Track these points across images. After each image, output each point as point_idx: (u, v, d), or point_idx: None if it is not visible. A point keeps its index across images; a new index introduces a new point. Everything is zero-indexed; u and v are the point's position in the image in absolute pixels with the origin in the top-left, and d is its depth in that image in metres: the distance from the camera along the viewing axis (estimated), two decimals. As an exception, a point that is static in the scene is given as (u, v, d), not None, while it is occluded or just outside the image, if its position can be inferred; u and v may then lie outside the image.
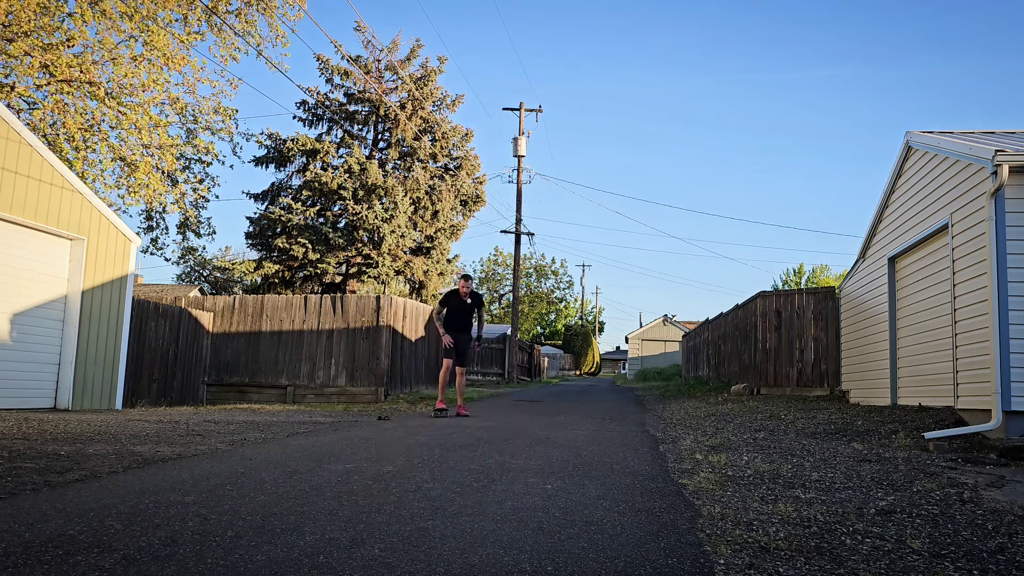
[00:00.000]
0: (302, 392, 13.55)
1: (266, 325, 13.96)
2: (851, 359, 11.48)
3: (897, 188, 9.60)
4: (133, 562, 2.19)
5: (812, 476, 4.23)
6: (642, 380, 31.07)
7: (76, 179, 9.63)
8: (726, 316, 17.40)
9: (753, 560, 2.38)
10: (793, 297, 13.60)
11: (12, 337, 8.81)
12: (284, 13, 15.61)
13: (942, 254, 8.07)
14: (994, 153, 6.42)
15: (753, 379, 13.84)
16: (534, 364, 35.26)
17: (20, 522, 2.67)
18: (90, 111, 13.76)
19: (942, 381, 7.89)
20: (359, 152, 25.49)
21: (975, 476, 4.44)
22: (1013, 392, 6.22)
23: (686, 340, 25.93)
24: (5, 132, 8.50)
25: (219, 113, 16.01)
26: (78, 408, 9.55)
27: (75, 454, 4.53)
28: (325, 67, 26.26)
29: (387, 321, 13.46)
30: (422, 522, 2.82)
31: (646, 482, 3.95)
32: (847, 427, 7.30)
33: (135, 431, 6.16)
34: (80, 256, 9.70)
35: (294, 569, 2.16)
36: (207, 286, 39.45)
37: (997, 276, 6.42)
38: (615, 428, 7.61)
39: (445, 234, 27.01)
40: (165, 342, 12.79)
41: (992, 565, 2.41)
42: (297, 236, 24.27)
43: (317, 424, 7.55)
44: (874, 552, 2.52)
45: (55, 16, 13.20)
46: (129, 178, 14.33)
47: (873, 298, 10.43)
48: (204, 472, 3.95)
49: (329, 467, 4.22)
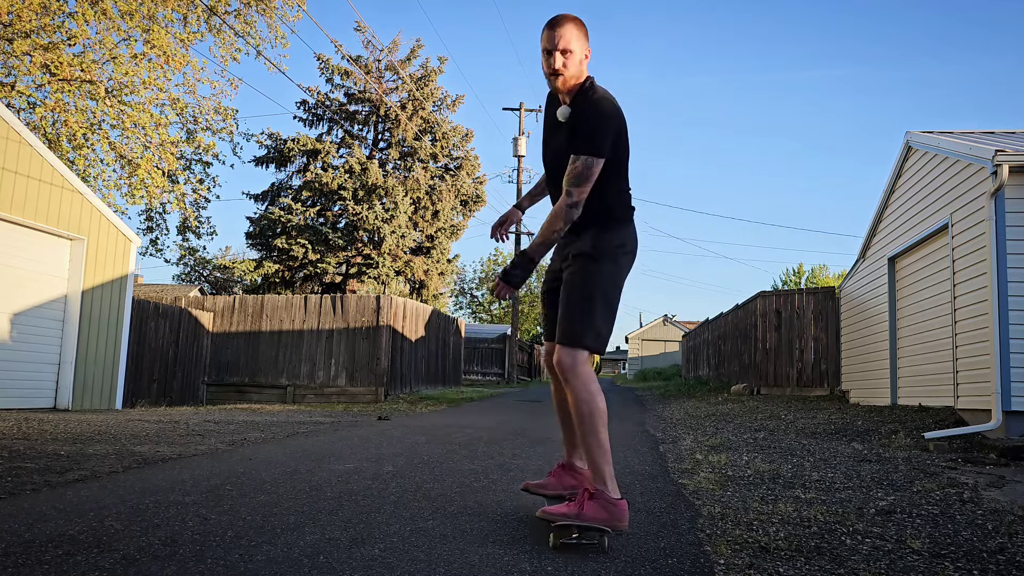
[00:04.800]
0: (302, 392, 13.55)
1: (266, 325, 13.96)
2: (851, 359, 11.48)
3: (897, 188, 9.60)
4: (133, 562, 2.19)
5: (812, 476, 4.23)
6: (642, 380, 31.07)
7: (76, 179, 9.63)
8: (726, 316, 17.40)
9: (753, 560, 2.38)
10: (793, 297, 13.60)
11: (12, 337, 8.81)
12: (283, 14, 15.61)
13: (942, 254, 8.07)
14: (994, 153, 6.42)
15: (753, 379, 13.84)
16: (534, 364, 35.27)
17: (20, 522, 2.67)
18: (91, 110, 13.76)
19: (942, 381, 7.89)
20: (359, 152, 25.49)
21: (975, 476, 4.44)
22: (1013, 392, 6.22)
23: (686, 340, 25.93)
24: (5, 132, 8.50)
25: (219, 113, 16.02)
26: (78, 408, 9.55)
27: (75, 454, 4.53)
28: (325, 67, 26.26)
29: (387, 321, 13.46)
30: (422, 522, 2.82)
31: (646, 482, 3.95)
32: (847, 427, 7.30)
33: (135, 431, 6.16)
34: (80, 256, 9.70)
35: (294, 569, 2.16)
36: (207, 286, 39.44)
37: (997, 276, 6.42)
38: (615, 428, 7.60)
39: (445, 234, 27.02)
40: (165, 342, 12.79)
41: (992, 565, 2.41)
42: (297, 236, 24.27)
43: (317, 424, 7.56)
44: (874, 552, 2.52)
45: (56, 16, 13.21)
46: (131, 177, 14.33)
47: (873, 298, 10.43)
48: (204, 472, 3.95)
49: (329, 467, 4.22)
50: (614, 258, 2.75)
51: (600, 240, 2.75)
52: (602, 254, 2.73)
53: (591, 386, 2.62)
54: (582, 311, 2.67)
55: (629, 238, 2.81)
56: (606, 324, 2.71)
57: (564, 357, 2.65)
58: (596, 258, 2.73)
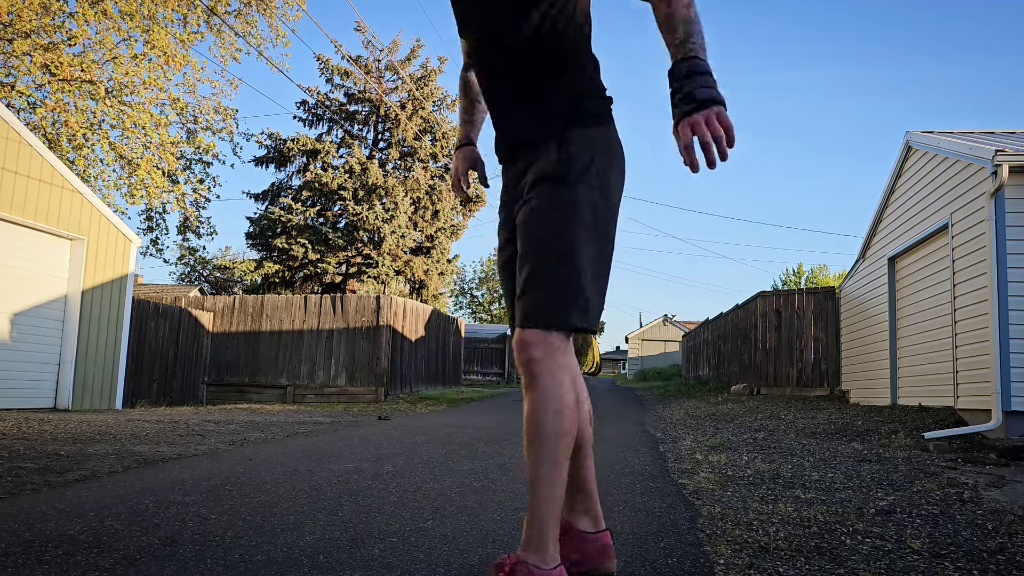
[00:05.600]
0: (302, 392, 13.55)
1: (266, 325, 13.96)
2: (851, 359, 11.48)
3: (897, 188, 9.60)
4: (133, 562, 2.19)
5: (812, 476, 4.23)
6: (642, 380, 31.08)
7: (76, 179, 9.63)
8: (726, 316, 17.40)
9: (753, 560, 2.38)
10: (793, 297, 13.60)
11: (12, 337, 8.81)
12: (284, 13, 15.62)
13: (942, 254, 8.07)
14: (994, 153, 6.42)
15: (753, 379, 13.84)
16: (534, 364, 35.22)
17: (20, 522, 2.67)
18: (91, 110, 13.77)
19: (942, 381, 7.89)
20: (359, 152, 25.49)
21: (975, 476, 4.45)
22: (1013, 392, 6.22)
23: (686, 340, 25.93)
24: (5, 132, 8.50)
25: (219, 113, 16.04)
26: (78, 408, 9.55)
27: (75, 454, 4.53)
28: (325, 67, 26.26)
29: (387, 321, 13.46)
30: (422, 522, 2.82)
31: (646, 482, 3.95)
32: (847, 427, 7.30)
33: (135, 431, 6.16)
34: (80, 256, 9.70)
35: (294, 569, 2.16)
36: (207, 286, 39.43)
37: (997, 276, 6.42)
38: (615, 428, 7.61)
39: (445, 234, 27.02)
40: (165, 342, 12.79)
41: (992, 565, 2.41)
42: (297, 236, 24.28)
43: (317, 424, 7.56)
44: (874, 552, 2.52)
45: (56, 16, 13.21)
46: (131, 177, 14.34)
47: (873, 298, 10.43)
48: (204, 472, 3.95)
49: (329, 467, 4.22)
50: (602, 176, 1.75)
51: (572, 150, 1.74)
52: (578, 173, 1.73)
53: (565, 395, 1.67)
54: (555, 268, 1.67)
55: (615, 144, 1.83)
56: (595, 285, 1.70)
57: (531, 346, 1.67)
58: (569, 180, 1.72)
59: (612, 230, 1.76)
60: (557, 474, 1.67)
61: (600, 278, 1.72)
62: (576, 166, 1.73)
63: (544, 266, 1.67)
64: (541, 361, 1.66)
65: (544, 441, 1.66)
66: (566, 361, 1.69)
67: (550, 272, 1.67)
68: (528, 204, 1.75)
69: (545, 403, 1.66)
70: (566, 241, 1.67)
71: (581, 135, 1.76)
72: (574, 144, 1.75)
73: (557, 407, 1.66)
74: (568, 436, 1.68)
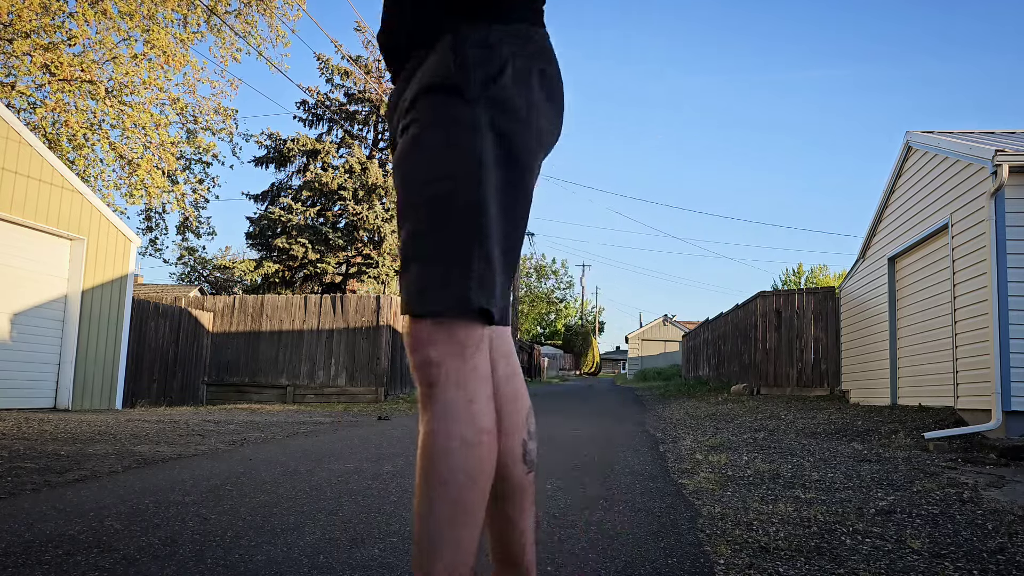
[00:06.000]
0: (302, 392, 13.55)
1: (266, 325, 13.96)
2: (851, 359, 11.48)
3: (897, 188, 9.60)
4: (133, 562, 2.19)
5: (812, 476, 4.23)
6: (642, 380, 31.07)
7: (76, 179, 9.63)
8: (726, 316, 17.40)
9: (753, 560, 2.38)
10: (793, 297, 13.60)
11: (12, 337, 8.81)
12: (284, 13, 15.62)
13: (942, 254, 8.07)
14: (994, 153, 6.42)
15: (753, 379, 13.84)
16: (534, 364, 35.26)
17: (20, 522, 2.67)
18: (91, 110, 13.77)
19: (942, 381, 7.89)
20: (359, 152, 25.49)
21: (975, 476, 4.44)
22: (1013, 392, 6.22)
23: (686, 340, 25.93)
24: (5, 132, 8.50)
25: (219, 113, 16.04)
26: (78, 408, 9.55)
27: (75, 454, 4.53)
28: (325, 67, 26.26)
29: (387, 321, 13.46)
30: (422, 522, 2.81)
31: (646, 482, 3.95)
32: (847, 427, 7.30)
33: (135, 431, 6.16)
34: (80, 256, 9.70)
35: (294, 569, 2.16)
36: (207, 286, 39.42)
37: (997, 276, 6.42)
38: (615, 428, 7.61)
39: (445, 234, 27.00)
40: (165, 342, 12.78)
41: (992, 565, 2.41)
42: (297, 236, 24.27)
43: (317, 424, 7.55)
44: (874, 552, 2.52)
45: (56, 16, 13.22)
46: (131, 177, 14.35)
47: (873, 298, 10.43)
48: (204, 472, 3.95)
49: (329, 467, 4.22)
50: (469, 110, 1.22)
51: (435, 77, 1.25)
52: (436, 113, 1.23)
53: (465, 407, 1.21)
54: (413, 239, 1.23)
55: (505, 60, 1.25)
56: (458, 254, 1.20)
57: (408, 340, 1.26)
58: (424, 120, 1.24)
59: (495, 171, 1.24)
60: (448, 513, 1.20)
61: (468, 239, 1.23)
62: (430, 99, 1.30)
63: (405, 238, 1.29)
64: (419, 363, 1.23)
65: (434, 462, 1.20)
66: (455, 363, 1.22)
67: (409, 243, 1.27)
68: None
69: (434, 417, 1.22)
70: (415, 204, 1.26)
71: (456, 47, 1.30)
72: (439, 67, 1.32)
73: (443, 428, 1.20)
74: (483, 477, 1.22)
